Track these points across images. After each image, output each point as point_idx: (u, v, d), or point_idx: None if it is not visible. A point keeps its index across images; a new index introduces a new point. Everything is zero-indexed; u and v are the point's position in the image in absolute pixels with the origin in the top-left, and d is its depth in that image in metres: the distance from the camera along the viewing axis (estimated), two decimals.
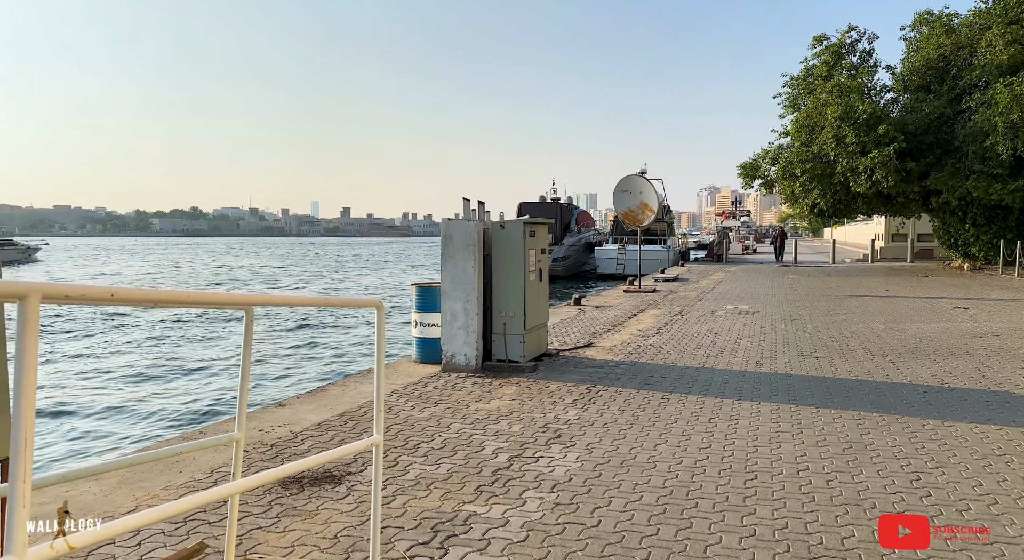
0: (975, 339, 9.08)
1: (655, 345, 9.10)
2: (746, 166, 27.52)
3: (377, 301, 2.49)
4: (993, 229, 22.29)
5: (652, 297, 15.92)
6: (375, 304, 2.49)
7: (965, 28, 22.78)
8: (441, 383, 6.82)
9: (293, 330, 16.79)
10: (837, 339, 9.35)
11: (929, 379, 6.74)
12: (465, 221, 7.48)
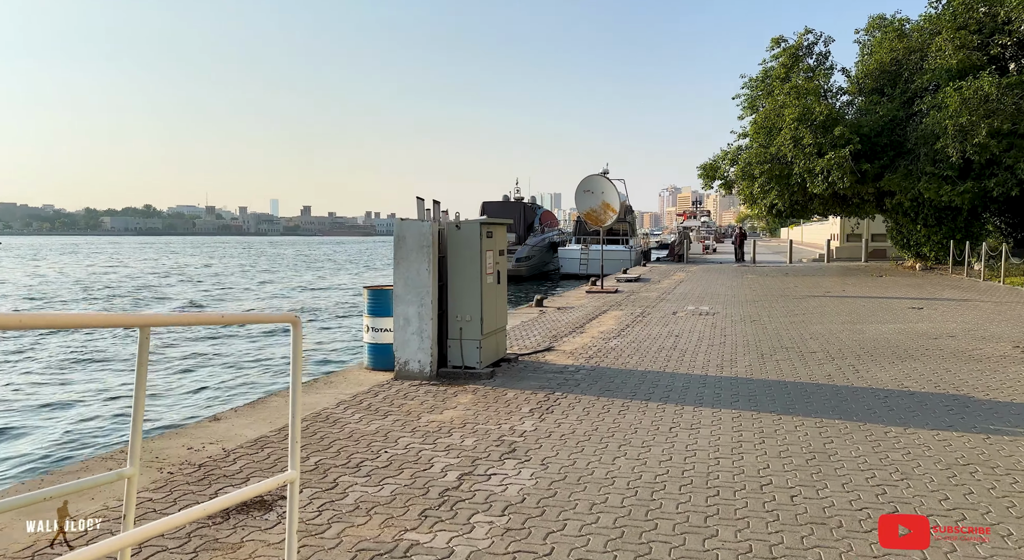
0: (931, 340, 9.15)
1: (616, 348, 8.92)
2: (706, 167, 27.77)
3: (293, 316, 2.17)
4: (943, 230, 22.89)
5: (614, 298, 15.80)
6: (290, 320, 2.17)
7: (916, 33, 23.33)
8: (392, 392, 6.48)
9: (238, 335, 16.17)
10: (797, 341, 9.32)
11: (889, 382, 6.69)
12: (419, 221, 7.16)
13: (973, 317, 11.39)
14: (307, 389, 6.68)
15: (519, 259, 34.52)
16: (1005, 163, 19.17)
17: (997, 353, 8.11)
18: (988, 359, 7.76)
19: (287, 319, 2.17)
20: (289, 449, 2.22)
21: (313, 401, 6.13)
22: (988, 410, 5.58)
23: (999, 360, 7.70)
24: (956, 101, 19.02)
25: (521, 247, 35.37)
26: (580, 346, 9.14)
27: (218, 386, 10.66)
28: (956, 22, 21.59)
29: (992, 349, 8.38)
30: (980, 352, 8.21)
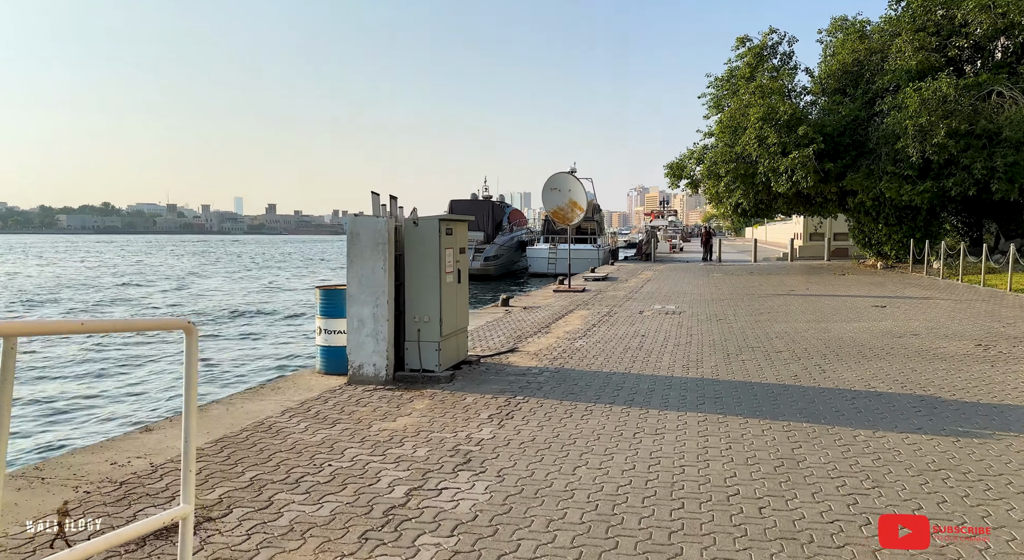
0: (895, 339, 9.12)
1: (581, 349, 8.68)
2: (672, 166, 27.82)
3: (185, 323, 1.84)
4: (903, 228, 23.28)
5: (581, 297, 15.61)
6: (182, 326, 1.84)
7: (877, 34, 23.69)
8: (344, 398, 6.13)
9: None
10: (763, 340, 9.21)
11: (856, 383, 6.57)
12: (374, 217, 6.81)
13: (935, 315, 11.47)
14: (252, 396, 6.28)
15: (487, 258, 34.22)
16: (962, 163, 19.53)
17: (960, 351, 8.09)
18: (952, 358, 7.72)
19: (178, 326, 1.83)
20: (182, 480, 1.89)
21: (256, 409, 5.74)
22: (956, 411, 5.48)
23: (963, 358, 7.67)
24: (916, 102, 19.32)
25: (489, 246, 35.07)
26: (545, 347, 8.88)
27: (155, 395, 10.13)
28: (915, 24, 21.96)
29: (955, 347, 8.37)
30: (944, 350, 8.19)
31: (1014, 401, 5.74)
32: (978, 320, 10.77)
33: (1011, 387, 6.26)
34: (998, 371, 6.97)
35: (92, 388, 10.43)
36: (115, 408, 9.31)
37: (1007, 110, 19.27)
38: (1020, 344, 8.51)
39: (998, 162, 18.80)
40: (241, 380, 10.78)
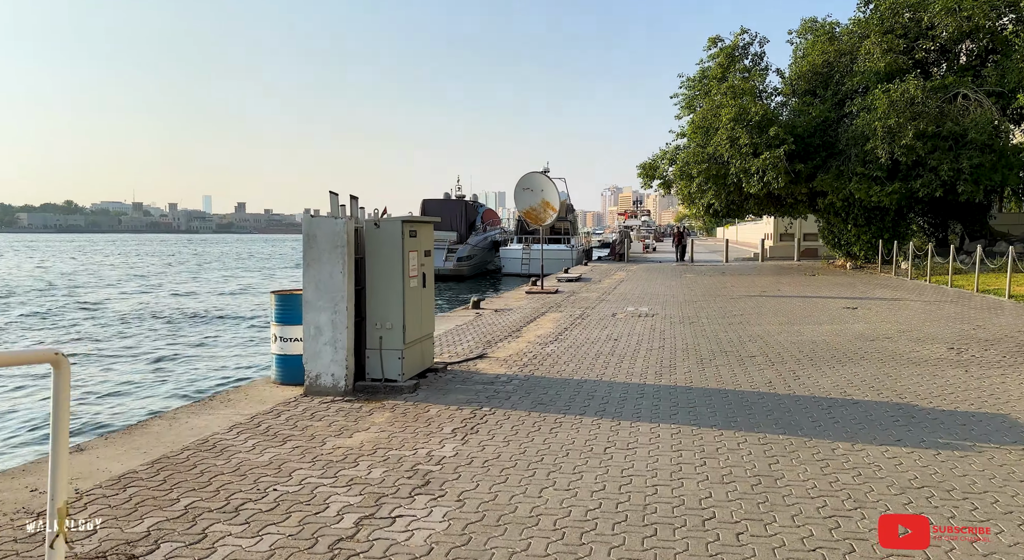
0: (868, 342, 9.03)
1: (552, 354, 8.42)
2: (645, 166, 27.79)
3: (53, 355, 1.51)
4: (872, 229, 23.53)
5: (554, 299, 15.37)
6: (49, 359, 1.50)
7: (846, 36, 23.90)
8: (299, 411, 5.77)
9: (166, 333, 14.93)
10: (735, 344, 9.05)
11: (831, 390, 6.41)
12: (332, 218, 6.44)
13: (906, 317, 11.46)
14: (200, 409, 5.88)
15: (460, 258, 33.86)
16: (930, 165, 19.76)
17: (934, 356, 8.01)
18: (926, 362, 7.63)
19: (44, 358, 1.50)
20: (46, 544, 1.55)
21: (202, 424, 5.35)
22: (934, 420, 5.33)
23: (936, 363, 7.58)
24: (884, 103, 19.48)
25: (462, 246, 34.71)
26: (515, 352, 8.60)
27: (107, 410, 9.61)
28: (883, 26, 22.18)
29: (928, 351, 8.30)
30: (917, 354, 8.10)
31: (991, 409, 5.62)
32: (949, 322, 10.77)
33: (987, 394, 6.15)
34: (972, 376, 6.87)
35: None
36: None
37: (972, 112, 19.55)
38: (991, 348, 8.47)
39: (964, 164, 19.05)
40: (192, 390, 10.27)
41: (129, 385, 10.67)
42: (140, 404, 9.48)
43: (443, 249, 33.73)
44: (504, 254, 35.38)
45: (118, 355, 13.66)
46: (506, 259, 35.09)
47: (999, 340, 8.99)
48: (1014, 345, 8.60)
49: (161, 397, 9.88)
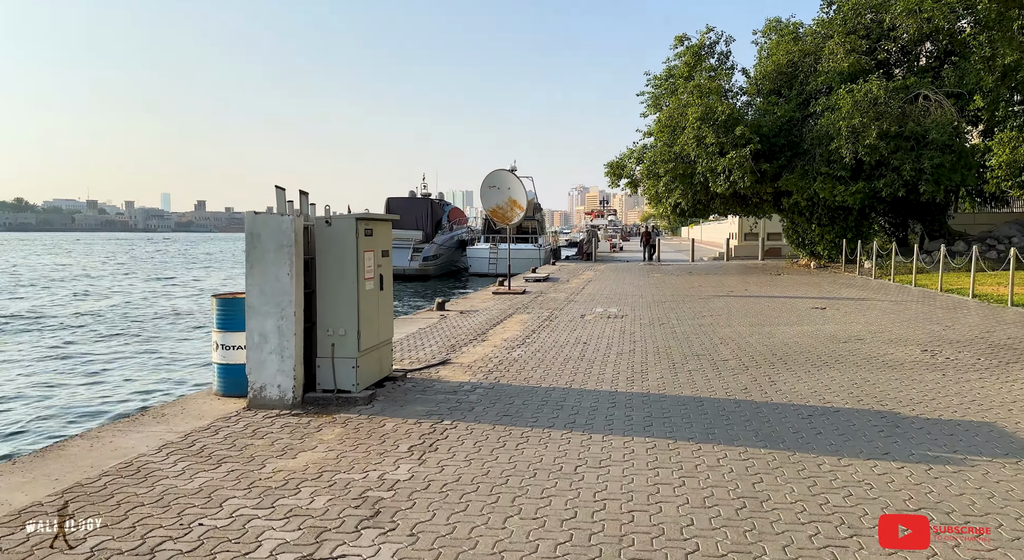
0: (840, 344, 8.84)
1: (520, 359, 8.01)
2: (613, 165, 27.62)
3: None
4: (836, 229, 23.72)
5: (521, 299, 14.98)
6: None
7: (810, 36, 24.04)
8: (239, 428, 5.24)
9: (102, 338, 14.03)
10: (707, 347, 8.77)
11: (809, 396, 6.13)
12: (278, 215, 5.91)
13: (875, 317, 11.36)
14: (128, 427, 5.30)
15: (426, 258, 33.27)
16: (892, 164, 19.94)
17: (909, 358, 7.84)
18: (902, 366, 7.44)
19: None
20: None
21: (128, 445, 4.79)
22: (919, 430, 5.07)
23: (912, 366, 7.39)
24: (849, 103, 19.58)
25: (428, 245, 34.11)
26: (480, 357, 8.17)
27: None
28: (846, 27, 22.35)
29: (903, 354, 8.13)
30: (892, 357, 7.92)
31: (976, 417, 5.39)
32: (918, 323, 10.70)
33: (968, 400, 5.94)
34: (951, 381, 6.68)
35: None
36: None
37: (933, 113, 19.79)
38: (964, 349, 8.35)
39: (925, 164, 19.26)
40: (126, 404, 9.51)
41: (51, 399, 9.84)
42: (61, 421, 8.73)
43: (408, 248, 33.09)
44: (471, 253, 34.89)
45: (42, 361, 12.77)
46: (473, 258, 34.61)
47: (970, 342, 8.89)
48: (986, 346, 8.49)
49: (87, 412, 9.11)
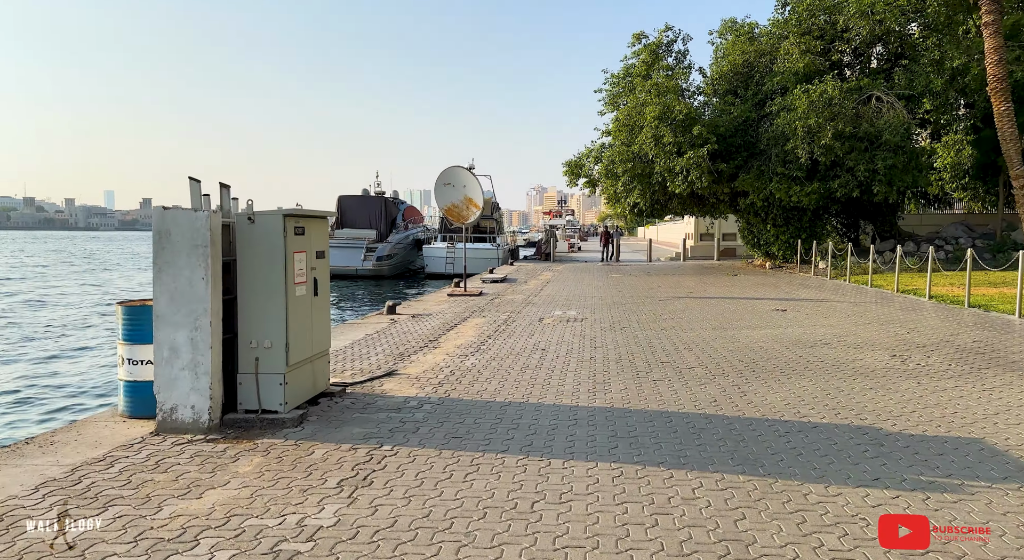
0: (807, 349, 8.50)
1: (473, 369, 7.39)
2: (571, 164, 27.24)
3: None
4: (790, 229, 23.82)
5: (477, 302, 14.35)
6: None
7: (765, 37, 24.10)
8: (141, 458, 4.47)
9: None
10: (671, 353, 8.31)
11: (783, 410, 5.69)
12: (191, 211, 5.15)
13: (837, 320, 11.14)
14: (6, 459, 4.46)
15: (380, 258, 32.30)
16: (847, 165, 20.05)
17: (880, 365, 7.51)
18: (874, 373, 7.09)
19: None
20: None
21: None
22: (905, 448, 4.65)
23: (885, 374, 7.05)
24: (804, 103, 19.59)
25: (382, 245, 33.12)
26: (431, 367, 7.52)
27: None
28: (801, 27, 22.44)
29: (872, 360, 7.81)
30: (862, 363, 7.59)
31: (962, 432, 5.02)
32: (882, 325, 10.49)
33: (950, 412, 5.59)
34: (927, 390, 6.35)
35: None
36: None
37: (885, 114, 19.97)
38: (933, 354, 8.09)
39: (879, 164, 19.41)
40: (16, 429, 8.44)
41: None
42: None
43: (361, 248, 32.07)
44: (427, 253, 34.03)
45: None
46: (429, 258, 33.77)
47: (937, 345, 8.67)
48: (953, 351, 8.27)
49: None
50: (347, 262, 31.18)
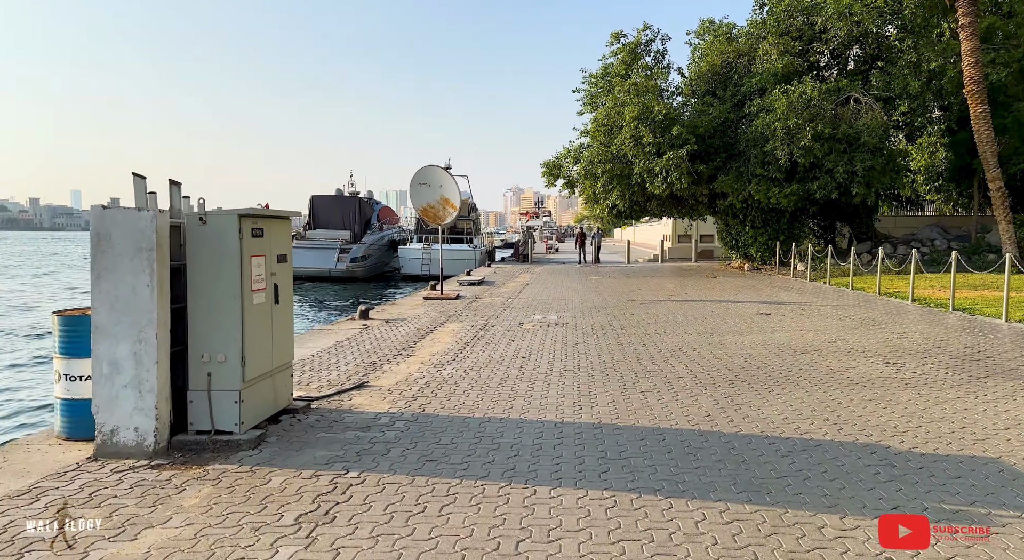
0: (797, 356, 8.19)
1: (450, 380, 6.94)
2: (549, 164, 26.87)
3: None
4: (768, 231, 23.72)
5: (454, 305, 13.88)
6: None
7: (744, 37, 23.99)
8: (73, 490, 3.94)
9: None
10: (658, 360, 7.94)
11: (782, 425, 5.33)
12: (134, 210, 4.62)
13: (824, 324, 10.89)
14: None
15: (354, 259, 31.59)
16: (826, 166, 19.97)
17: (875, 373, 7.21)
18: (870, 382, 6.79)
19: None
20: None
21: None
22: (919, 470, 4.31)
23: (882, 383, 6.75)
24: (784, 104, 19.46)
25: (356, 246, 32.40)
26: (404, 378, 7.05)
27: None
28: (779, 28, 22.35)
29: (866, 368, 7.51)
30: (856, 372, 7.28)
31: (976, 450, 4.70)
32: (869, 330, 10.26)
33: (958, 426, 5.27)
34: (929, 401, 6.05)
35: None
36: None
37: (864, 116, 19.94)
38: (927, 361, 7.83)
39: (858, 166, 19.35)
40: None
41: None
42: None
43: (334, 249, 31.34)
44: (403, 254, 33.37)
45: None
46: (405, 260, 33.12)
47: (929, 352, 8.42)
48: (947, 358, 8.02)
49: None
50: (320, 264, 30.45)
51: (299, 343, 9.04)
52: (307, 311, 21.44)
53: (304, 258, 29.74)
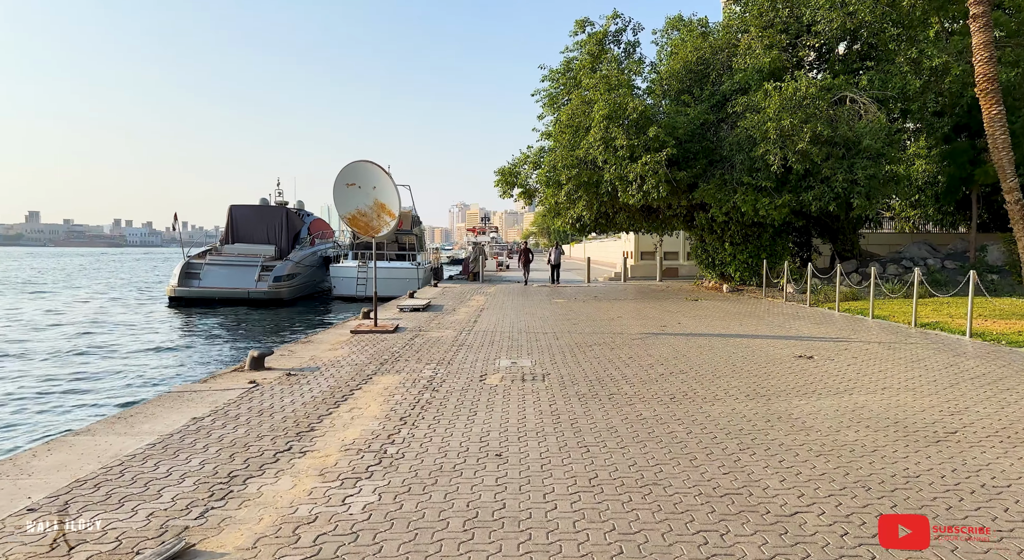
0: (931, 447, 5.13)
1: (363, 531, 3.54)
2: (504, 172, 23.62)
3: None
4: (749, 248, 21.17)
5: (391, 343, 10.43)
6: None
7: (722, 30, 21.54)
8: None
9: None
10: (725, 462, 4.76)
11: None
12: None
13: (907, 378, 7.97)
14: None
15: (278, 278, 27.50)
16: (823, 174, 17.48)
17: None
18: None
19: None
20: None
21: None
22: None
23: None
24: (776, 102, 16.92)
25: (281, 263, 28.31)
26: (273, 525, 3.62)
27: None
28: (762, 20, 19.97)
29: None
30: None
31: None
32: (972, 388, 7.39)
33: None
34: None
35: None
36: None
37: (864, 117, 17.60)
38: None
39: (859, 174, 16.92)
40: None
41: None
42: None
43: (256, 267, 27.22)
44: (335, 272, 29.49)
45: None
46: (338, 279, 29.26)
47: None
48: None
49: None
50: (236, 283, 26.28)
51: (124, 426, 5.44)
52: (191, 354, 16.46)
53: (217, 277, 25.59)
